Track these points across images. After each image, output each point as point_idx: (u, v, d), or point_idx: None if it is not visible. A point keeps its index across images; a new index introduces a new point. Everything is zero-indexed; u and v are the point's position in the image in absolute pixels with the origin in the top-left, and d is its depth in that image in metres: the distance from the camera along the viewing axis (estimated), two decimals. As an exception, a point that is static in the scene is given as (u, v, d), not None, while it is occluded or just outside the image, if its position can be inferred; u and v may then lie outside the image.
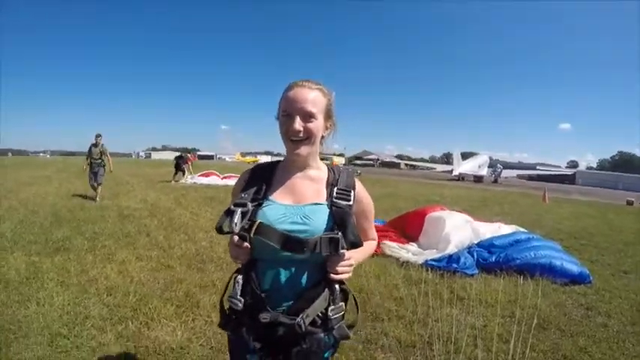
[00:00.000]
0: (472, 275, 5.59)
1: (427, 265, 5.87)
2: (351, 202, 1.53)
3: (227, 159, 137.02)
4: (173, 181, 20.06)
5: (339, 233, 1.44)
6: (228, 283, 1.60)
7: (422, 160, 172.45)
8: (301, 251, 1.41)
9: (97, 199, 11.62)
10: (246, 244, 1.45)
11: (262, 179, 1.59)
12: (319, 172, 1.62)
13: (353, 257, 1.51)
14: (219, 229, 1.44)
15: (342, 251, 1.43)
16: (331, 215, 1.48)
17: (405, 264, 6.03)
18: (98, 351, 3.33)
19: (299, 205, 1.51)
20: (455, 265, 5.73)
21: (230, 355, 1.67)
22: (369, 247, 1.76)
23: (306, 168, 1.60)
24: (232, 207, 1.46)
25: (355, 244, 1.45)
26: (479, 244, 6.41)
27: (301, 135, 1.45)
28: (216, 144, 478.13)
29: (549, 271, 5.62)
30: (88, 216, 9.20)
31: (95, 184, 11.84)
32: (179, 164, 20.95)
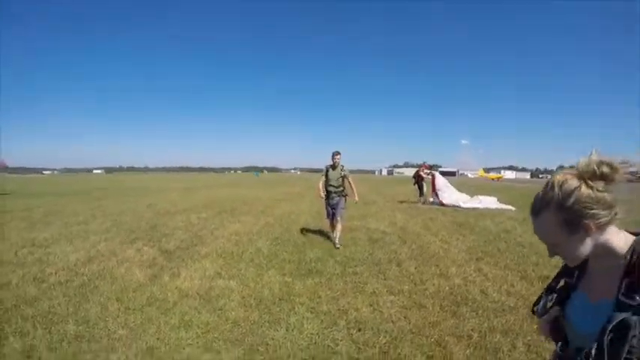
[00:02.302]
0: None
1: None
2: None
3: (469, 175, 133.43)
4: (420, 203, 19.70)
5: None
6: None
7: None
8: None
9: (337, 241, 8.75)
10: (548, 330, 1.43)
11: None
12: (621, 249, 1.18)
13: None
14: (532, 310, 1.52)
15: None
16: (610, 323, 1.09)
17: None
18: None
19: (595, 302, 1.24)
20: None
21: None
22: None
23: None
24: (543, 291, 1.48)
25: None
26: None
27: None
28: (457, 159, 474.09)
29: None
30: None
31: (333, 222, 9.06)
32: (419, 184, 20.33)
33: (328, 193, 8.98)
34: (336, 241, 8.73)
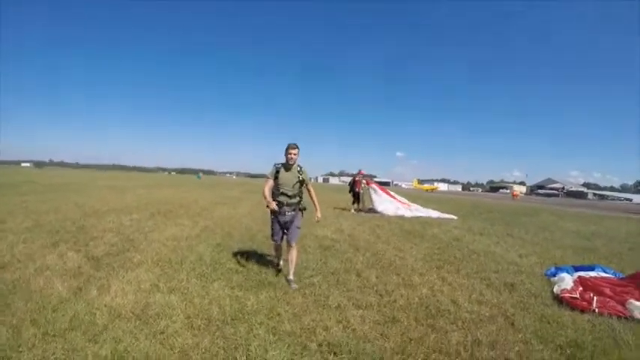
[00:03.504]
0: None
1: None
2: None
3: (403, 186, 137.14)
4: (353, 211, 18.98)
5: None
6: None
7: (612, 188, 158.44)
8: None
9: (291, 276, 6.11)
10: None
11: None
12: None
13: None
14: None
15: None
16: None
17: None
18: None
19: None
20: None
21: None
22: None
23: None
24: None
25: None
26: None
27: None
28: (392, 171, 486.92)
29: None
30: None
31: (281, 244, 6.50)
32: (355, 192, 19.57)
33: (279, 205, 6.17)
34: (290, 276, 6.09)
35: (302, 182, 6.26)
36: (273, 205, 6.03)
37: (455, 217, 17.38)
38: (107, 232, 9.47)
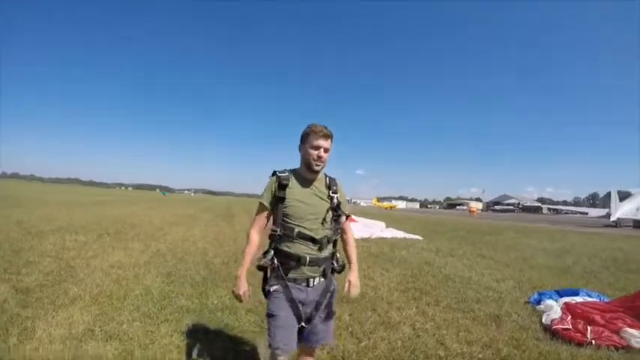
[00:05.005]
0: None
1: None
2: None
3: (362, 204, 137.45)
4: None
5: None
6: None
7: (564, 202, 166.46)
8: None
9: None
10: None
11: None
12: None
13: None
14: None
15: None
16: None
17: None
18: None
19: None
20: None
21: None
22: None
23: None
24: None
25: None
26: None
27: None
28: (351, 188, 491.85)
29: None
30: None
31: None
32: None
33: (288, 263, 2.77)
34: None
35: (337, 211, 2.90)
36: (240, 293, 2.83)
37: (420, 238, 16.95)
38: (45, 257, 8.35)
